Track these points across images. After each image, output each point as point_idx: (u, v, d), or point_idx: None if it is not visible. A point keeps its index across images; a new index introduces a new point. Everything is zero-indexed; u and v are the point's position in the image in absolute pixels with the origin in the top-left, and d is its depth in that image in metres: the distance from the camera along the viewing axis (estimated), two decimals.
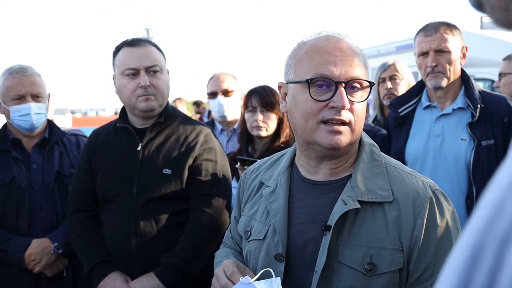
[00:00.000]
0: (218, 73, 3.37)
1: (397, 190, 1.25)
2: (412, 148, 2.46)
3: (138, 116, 2.22)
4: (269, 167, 1.49)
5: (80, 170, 2.31)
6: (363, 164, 1.30)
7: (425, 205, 1.22)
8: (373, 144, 1.36)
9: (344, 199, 1.23)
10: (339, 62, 1.23)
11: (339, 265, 1.22)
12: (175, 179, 2.12)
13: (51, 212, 2.47)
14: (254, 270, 1.35)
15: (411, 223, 1.21)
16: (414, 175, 1.30)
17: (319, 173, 1.33)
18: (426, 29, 2.42)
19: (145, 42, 2.21)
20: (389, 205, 1.23)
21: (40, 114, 2.51)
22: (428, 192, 1.24)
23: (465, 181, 2.29)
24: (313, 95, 1.23)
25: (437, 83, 2.39)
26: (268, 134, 2.55)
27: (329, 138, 1.23)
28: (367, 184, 1.25)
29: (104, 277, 2.08)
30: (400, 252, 1.20)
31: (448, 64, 2.36)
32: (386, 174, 1.28)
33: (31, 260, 2.35)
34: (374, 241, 1.20)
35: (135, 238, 2.08)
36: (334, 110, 1.22)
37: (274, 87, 2.60)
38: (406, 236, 1.20)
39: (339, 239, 1.23)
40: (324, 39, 1.28)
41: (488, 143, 2.27)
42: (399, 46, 9.08)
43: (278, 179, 1.39)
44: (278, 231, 1.30)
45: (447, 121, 2.40)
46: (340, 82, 1.22)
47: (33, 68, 2.57)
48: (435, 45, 2.37)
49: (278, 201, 1.34)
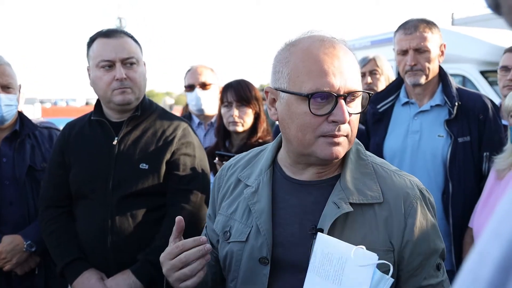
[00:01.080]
0: (196, 65, 3.31)
1: (387, 191, 1.24)
2: (391, 144, 2.48)
3: (114, 110, 2.15)
4: (246, 163, 1.44)
5: (52, 164, 2.23)
6: (351, 164, 1.28)
7: (415, 205, 1.23)
8: (358, 143, 1.34)
9: (336, 201, 1.21)
10: (338, 73, 1.16)
11: None
12: (152, 174, 2.07)
13: (22, 208, 2.38)
14: (237, 273, 1.32)
15: (402, 223, 1.21)
16: (401, 175, 1.30)
17: (305, 174, 1.30)
18: (406, 27, 2.42)
19: (120, 33, 2.14)
20: (379, 206, 1.22)
21: (10, 106, 2.41)
22: (417, 192, 1.25)
23: (442, 177, 2.33)
24: (313, 109, 1.17)
25: (416, 80, 2.41)
26: (244, 129, 2.52)
27: (329, 150, 1.19)
28: (356, 185, 1.24)
29: (79, 275, 2.02)
30: (391, 253, 1.20)
31: (427, 62, 2.39)
32: (374, 174, 1.27)
33: (1, 258, 2.27)
34: (365, 243, 1.19)
35: (110, 235, 2.02)
36: (333, 124, 1.17)
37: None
38: (397, 237, 1.20)
39: None
40: (319, 44, 1.20)
41: (464, 140, 2.31)
42: (374, 41, 9.17)
43: (260, 179, 1.34)
44: (263, 233, 1.26)
45: (425, 118, 2.43)
46: (340, 95, 1.16)
47: (3, 58, 2.46)
48: (414, 43, 2.38)
49: (261, 201, 1.30)
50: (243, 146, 2.52)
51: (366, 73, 3.39)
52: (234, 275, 1.33)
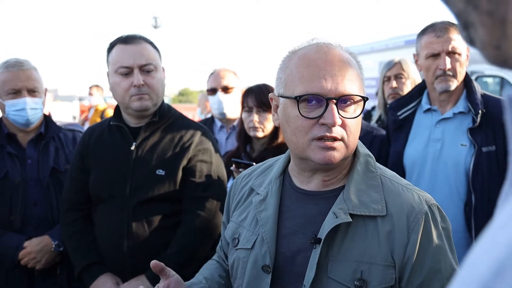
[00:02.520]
0: (219, 69, 3.30)
1: (392, 204, 1.20)
2: (411, 152, 2.39)
3: (132, 115, 2.18)
4: (261, 173, 1.45)
5: (73, 168, 2.28)
6: (357, 175, 1.25)
7: (420, 221, 1.17)
8: (368, 155, 1.31)
9: (335, 211, 1.19)
10: (329, 77, 1.17)
11: (328, 280, 1.18)
12: (169, 180, 2.09)
13: (45, 208, 2.45)
14: (242, 280, 1.33)
15: (405, 238, 1.16)
16: (411, 189, 1.25)
17: (312, 183, 1.29)
18: (436, 29, 2.31)
19: (139, 39, 2.16)
20: (382, 219, 1.18)
21: (36, 109, 2.48)
22: (424, 207, 1.20)
23: (464, 188, 2.23)
24: (303, 112, 1.19)
25: (447, 86, 2.31)
26: (265, 134, 2.50)
27: (322, 155, 1.19)
28: (360, 196, 1.21)
29: (95, 279, 2.06)
30: (392, 268, 1.16)
31: (460, 66, 2.29)
32: (381, 187, 1.24)
33: (31, 258, 2.33)
34: (365, 257, 1.16)
35: (127, 240, 2.05)
36: (324, 127, 1.18)
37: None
38: (399, 252, 1.16)
39: (330, 252, 1.19)
40: (315, 49, 1.22)
41: (489, 149, 2.20)
42: (408, 40, 8.96)
43: (269, 187, 1.35)
44: (266, 241, 1.27)
45: (448, 126, 2.34)
46: (331, 99, 1.17)
47: (30, 62, 2.54)
48: (447, 46, 2.27)
49: (268, 210, 1.31)
50: (263, 151, 2.51)
51: (391, 77, 3.31)
52: (239, 282, 1.34)
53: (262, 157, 2.45)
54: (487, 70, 6.90)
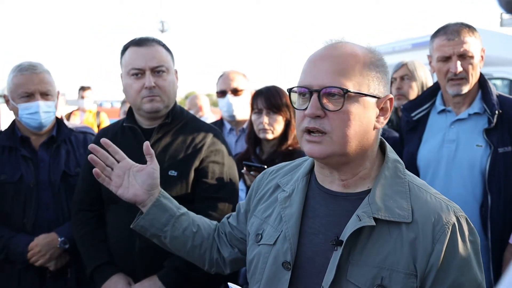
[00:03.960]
0: (228, 71, 3.31)
1: (418, 212, 1.18)
2: (425, 153, 2.37)
3: (144, 117, 2.19)
4: (288, 171, 1.46)
5: (85, 170, 2.28)
6: (385, 180, 1.23)
7: (447, 231, 1.15)
8: (398, 161, 1.29)
9: (359, 214, 1.18)
10: (317, 70, 1.21)
11: (348, 283, 1.16)
12: (181, 181, 2.09)
13: (56, 212, 2.45)
14: (261, 275, 1.33)
15: (429, 248, 1.14)
16: (439, 198, 1.22)
17: (334, 183, 1.29)
18: (448, 32, 2.29)
19: (152, 41, 2.17)
20: (407, 226, 1.16)
21: (48, 112, 2.49)
22: (452, 218, 1.17)
23: (480, 190, 2.21)
24: (297, 104, 1.26)
25: (459, 90, 2.29)
26: (274, 136, 2.50)
27: (307, 147, 1.23)
28: (386, 201, 1.19)
29: (107, 279, 2.06)
30: (413, 277, 1.13)
31: (472, 69, 2.27)
32: (408, 193, 1.21)
33: (37, 251, 2.33)
34: (387, 263, 1.14)
35: (138, 240, 2.05)
36: (307, 118, 1.21)
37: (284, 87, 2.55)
38: (422, 261, 1.13)
39: (351, 256, 1.17)
40: (324, 47, 1.27)
41: (505, 150, 2.18)
42: (415, 44, 8.93)
43: (295, 185, 1.36)
44: (288, 238, 1.27)
45: (462, 127, 2.31)
46: (314, 90, 1.20)
47: (43, 65, 2.55)
48: (459, 49, 2.25)
49: (293, 207, 1.31)
50: (273, 153, 2.50)
51: (397, 78, 3.31)
52: (259, 278, 1.34)
53: (271, 159, 2.45)
54: (495, 73, 6.85)
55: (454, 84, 2.29)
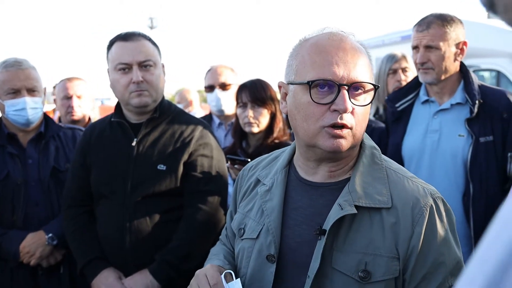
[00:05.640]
0: (216, 65, 3.31)
1: (397, 196, 1.21)
2: (409, 143, 2.42)
3: (132, 112, 2.20)
4: (267, 164, 1.46)
5: (75, 165, 2.29)
6: (363, 167, 1.26)
7: (425, 213, 1.18)
8: (374, 147, 1.32)
9: (340, 203, 1.20)
10: (341, 63, 1.17)
11: (333, 271, 1.19)
12: (170, 175, 2.10)
13: (46, 208, 2.46)
14: (246, 269, 1.34)
15: (409, 230, 1.17)
16: (416, 181, 1.25)
17: (318, 174, 1.29)
18: (420, 23, 2.37)
19: (138, 36, 2.17)
20: (387, 211, 1.19)
21: (36, 108, 2.49)
22: (429, 200, 1.20)
23: (462, 179, 2.25)
24: (315, 97, 1.18)
25: (426, 79, 2.36)
26: (260, 129, 2.52)
27: (330, 142, 1.18)
28: (365, 188, 1.22)
29: (97, 274, 2.07)
30: (396, 260, 1.16)
31: (438, 60, 2.31)
32: (386, 179, 1.24)
33: (26, 252, 2.34)
34: (370, 248, 1.17)
35: (129, 235, 2.07)
36: (336, 113, 1.17)
37: (272, 82, 2.57)
38: (403, 244, 1.16)
39: (334, 244, 1.20)
40: (327, 37, 1.22)
41: (486, 140, 2.22)
42: (404, 36, 8.96)
43: (274, 178, 1.36)
44: (271, 231, 1.28)
45: (445, 117, 2.36)
46: (343, 85, 1.16)
47: (29, 62, 2.54)
48: (425, 41, 2.32)
49: (273, 200, 1.32)
50: (259, 147, 2.52)
51: (398, 70, 3.34)
52: (244, 272, 1.35)
53: (258, 152, 2.47)
54: (483, 64, 6.91)
55: (422, 73, 2.37)
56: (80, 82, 3.41)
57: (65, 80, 3.39)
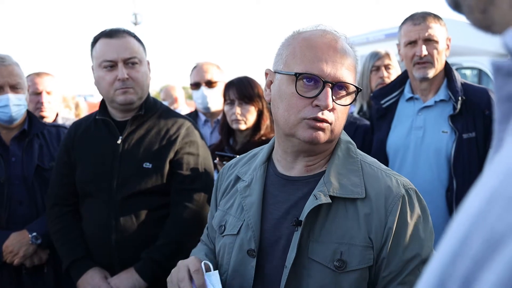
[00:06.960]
0: (202, 62, 3.29)
1: (371, 188, 1.24)
2: (394, 140, 2.45)
3: (118, 109, 2.18)
4: (246, 161, 1.49)
5: (59, 163, 2.27)
6: (338, 160, 1.30)
7: (397, 203, 1.21)
8: (349, 142, 1.36)
9: (315, 194, 1.23)
10: (330, 62, 1.21)
11: (309, 261, 1.22)
12: (156, 173, 2.09)
13: (31, 207, 2.42)
14: (228, 265, 1.36)
15: (383, 220, 1.21)
16: (389, 174, 1.29)
17: (295, 169, 1.33)
18: (414, 18, 2.39)
19: (123, 32, 2.15)
20: (361, 202, 1.23)
21: (19, 105, 2.45)
22: (401, 191, 1.24)
23: (446, 174, 2.30)
24: (299, 90, 1.22)
25: (424, 73, 2.38)
26: (247, 126, 2.52)
27: (309, 133, 1.22)
28: (340, 180, 1.25)
29: (83, 274, 2.06)
30: (370, 249, 1.20)
31: (437, 53, 2.36)
32: (361, 171, 1.28)
33: (9, 252, 2.31)
34: (345, 238, 1.20)
35: (115, 233, 2.05)
36: (317, 108, 1.21)
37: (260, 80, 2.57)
38: (377, 234, 1.20)
39: (311, 234, 1.23)
40: (321, 34, 1.26)
41: (469, 136, 2.27)
42: (388, 34, 9.03)
43: (253, 174, 1.39)
44: (251, 226, 1.30)
45: (429, 114, 2.40)
46: (328, 82, 1.20)
47: (12, 58, 2.50)
48: (424, 34, 2.35)
49: (253, 196, 1.34)
50: (246, 144, 2.52)
51: (380, 67, 3.36)
52: (225, 268, 1.37)
53: (245, 149, 2.47)
54: (465, 62, 7.01)
55: (420, 68, 2.38)
56: (49, 78, 3.29)
57: (33, 75, 3.22)
